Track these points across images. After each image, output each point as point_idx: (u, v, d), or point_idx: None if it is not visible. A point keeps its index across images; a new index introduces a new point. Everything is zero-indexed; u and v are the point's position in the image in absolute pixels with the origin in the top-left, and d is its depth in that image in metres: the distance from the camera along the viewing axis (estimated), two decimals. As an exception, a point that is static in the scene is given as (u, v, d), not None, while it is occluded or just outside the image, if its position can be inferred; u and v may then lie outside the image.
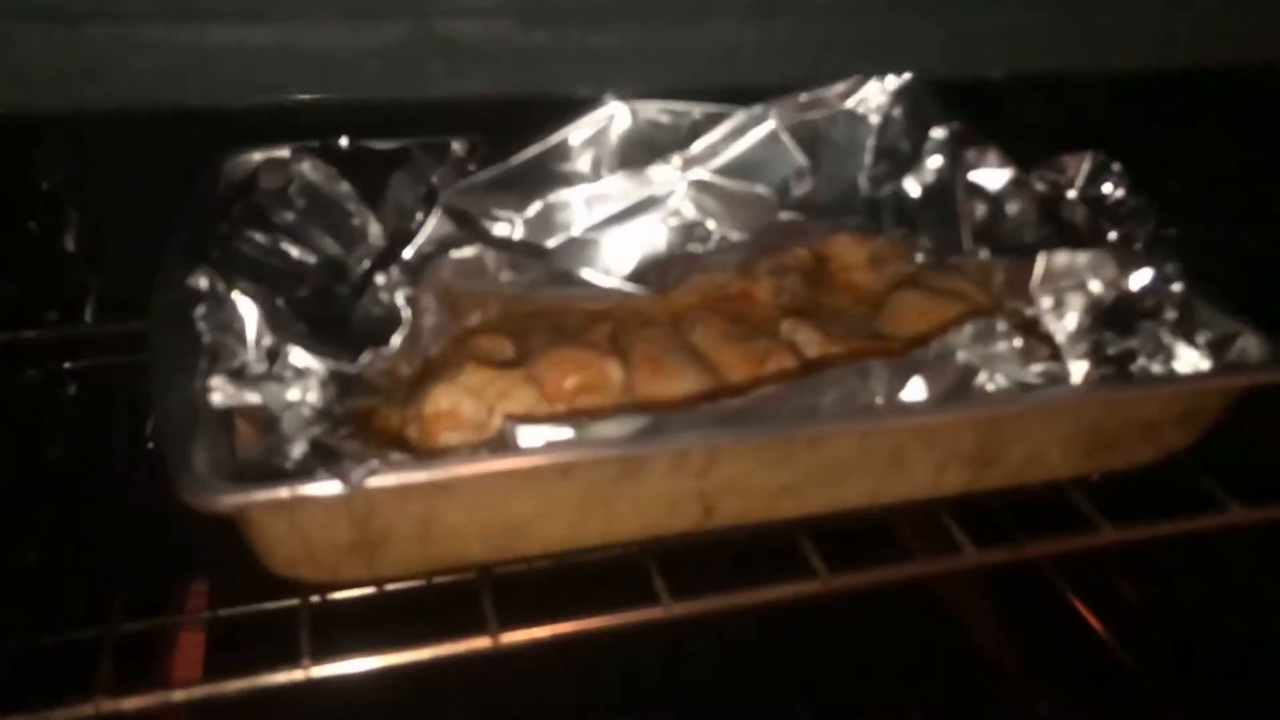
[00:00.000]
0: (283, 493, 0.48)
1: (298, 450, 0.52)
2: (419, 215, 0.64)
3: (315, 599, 0.60)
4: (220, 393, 0.51)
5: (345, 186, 0.74)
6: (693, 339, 0.70)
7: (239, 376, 0.53)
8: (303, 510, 0.51)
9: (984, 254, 0.61)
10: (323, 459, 0.50)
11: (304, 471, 0.50)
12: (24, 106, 0.53)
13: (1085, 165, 0.63)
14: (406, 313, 0.54)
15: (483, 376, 0.60)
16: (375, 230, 0.74)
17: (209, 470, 0.49)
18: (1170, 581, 0.90)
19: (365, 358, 0.54)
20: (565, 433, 0.52)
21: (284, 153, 0.75)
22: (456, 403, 0.59)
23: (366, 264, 0.68)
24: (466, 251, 0.53)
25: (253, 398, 0.52)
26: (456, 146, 0.69)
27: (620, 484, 0.56)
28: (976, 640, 0.94)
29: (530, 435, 0.52)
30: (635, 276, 0.59)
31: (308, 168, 0.73)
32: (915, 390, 0.59)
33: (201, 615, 0.72)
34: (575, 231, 0.59)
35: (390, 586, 0.71)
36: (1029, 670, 0.90)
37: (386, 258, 0.63)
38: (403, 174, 0.74)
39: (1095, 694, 0.85)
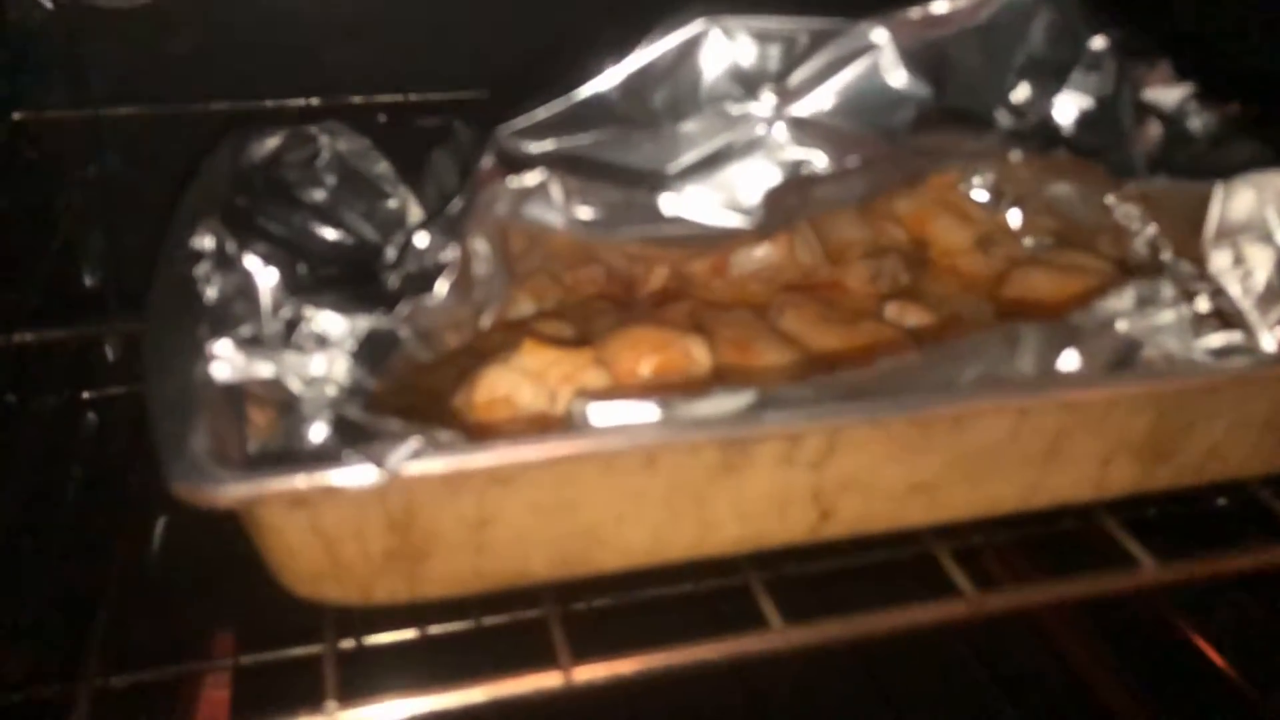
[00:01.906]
0: (299, 482, 0.38)
1: (321, 434, 0.41)
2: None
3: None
4: (226, 363, 0.41)
5: (382, 164, 0.65)
6: (782, 325, 0.60)
7: (251, 345, 0.43)
8: (326, 507, 0.40)
9: (1161, 182, 0.50)
10: (350, 439, 0.39)
11: (327, 456, 0.39)
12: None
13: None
14: (454, 253, 0.43)
15: (544, 357, 0.50)
16: (416, 214, 0.64)
17: (208, 456, 0.38)
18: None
19: (404, 309, 0.44)
20: (650, 411, 0.42)
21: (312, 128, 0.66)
22: (514, 388, 0.49)
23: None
24: (528, 178, 0.43)
25: (265, 370, 0.42)
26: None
27: (718, 479, 0.45)
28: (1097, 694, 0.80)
29: (606, 413, 0.41)
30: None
31: (338, 140, 0.64)
32: (1068, 363, 0.48)
33: (224, 661, 0.64)
34: (650, 179, 0.49)
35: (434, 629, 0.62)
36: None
37: (429, 220, 0.53)
38: (445, 152, 0.65)
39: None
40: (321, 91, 0.78)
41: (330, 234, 0.61)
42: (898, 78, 0.49)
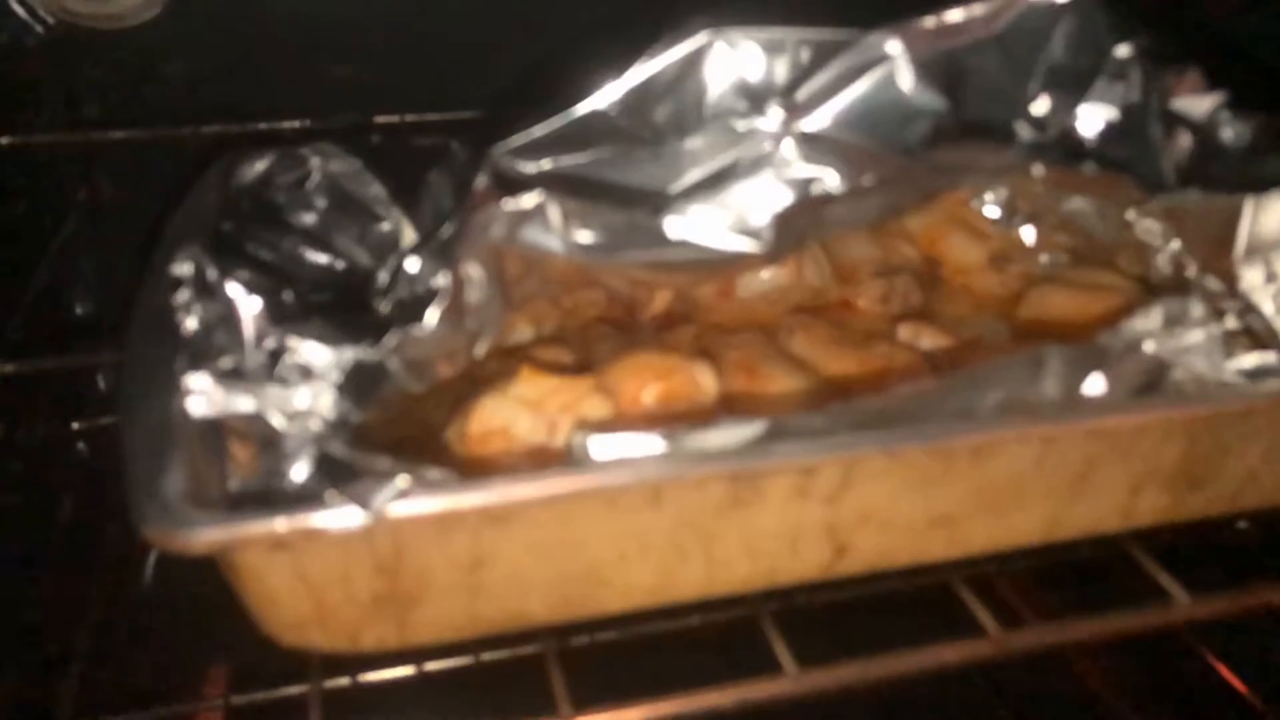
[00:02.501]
0: (278, 525, 0.36)
1: (304, 472, 0.39)
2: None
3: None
4: (204, 398, 0.39)
5: (375, 186, 0.63)
6: (792, 347, 0.58)
7: (231, 378, 0.40)
8: (308, 550, 0.38)
9: (1194, 194, 0.47)
10: (334, 478, 0.37)
11: (309, 496, 0.37)
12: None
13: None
14: (445, 279, 0.41)
15: (542, 386, 0.47)
16: (410, 237, 0.62)
17: (182, 497, 0.36)
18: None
19: (391, 340, 0.41)
20: (655, 444, 0.39)
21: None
22: (510, 418, 0.47)
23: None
24: (525, 200, 0.41)
25: (246, 405, 0.40)
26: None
27: (727, 514, 0.42)
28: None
29: (608, 447, 0.39)
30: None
31: (329, 162, 0.62)
32: (1094, 388, 0.45)
33: (215, 701, 0.63)
34: (653, 199, 0.46)
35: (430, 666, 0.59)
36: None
37: (421, 244, 0.51)
38: (442, 174, 0.63)
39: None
40: (316, 113, 0.76)
41: (321, 259, 0.59)
42: (912, 90, 0.47)
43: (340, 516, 0.36)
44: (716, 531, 0.42)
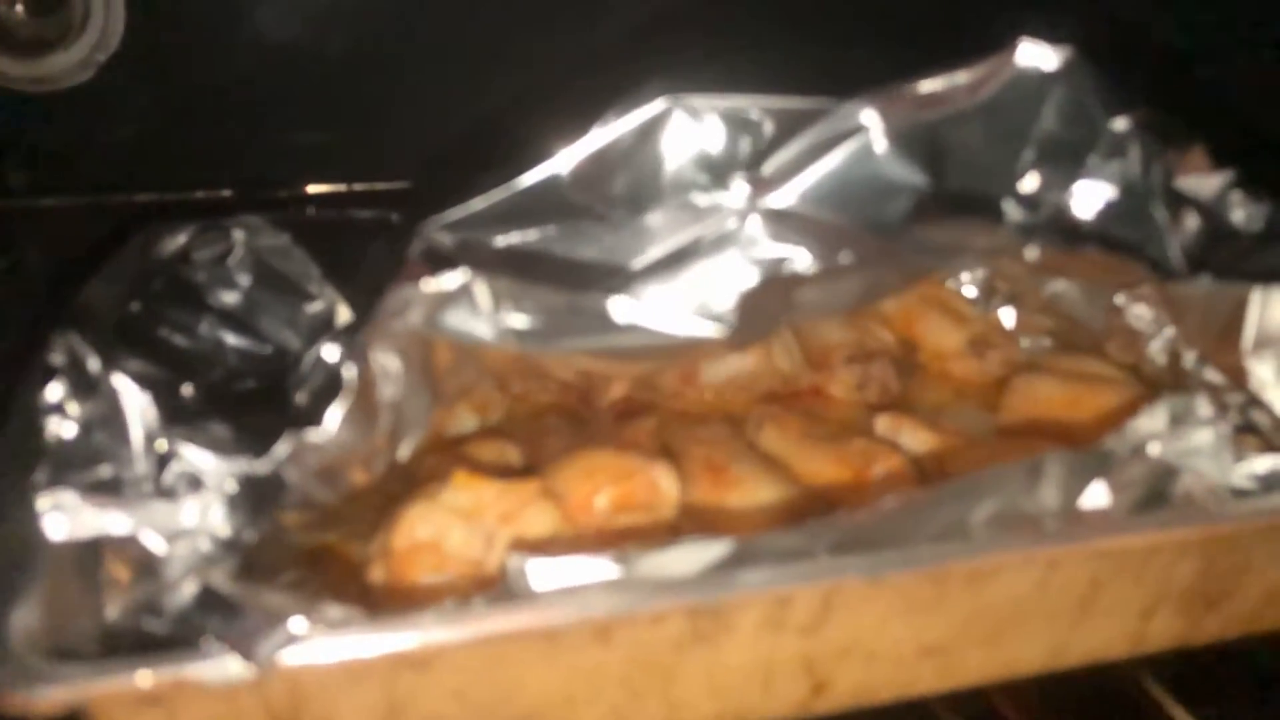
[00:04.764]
0: (143, 679, 0.29)
1: (187, 604, 0.33)
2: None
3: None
4: (65, 517, 0.33)
5: (305, 262, 0.58)
6: (761, 441, 0.53)
7: (103, 492, 0.34)
8: (186, 705, 0.31)
9: (1206, 282, 0.43)
10: (218, 615, 0.31)
11: (189, 637, 0.30)
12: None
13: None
14: (350, 374, 0.35)
15: (479, 493, 0.42)
16: (346, 318, 0.57)
17: (28, 642, 0.30)
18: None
19: (282, 449, 0.35)
20: (604, 570, 0.34)
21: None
22: (441, 531, 0.41)
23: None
24: (447, 281, 0.35)
25: (119, 524, 0.33)
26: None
27: (689, 650, 0.36)
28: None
29: (550, 574, 0.33)
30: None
31: (253, 235, 0.56)
32: (1096, 497, 0.41)
33: None
34: (606, 279, 0.41)
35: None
36: None
37: (350, 327, 0.46)
38: (381, 248, 0.58)
39: None
40: (250, 183, 0.71)
41: (242, 342, 0.54)
42: (889, 164, 0.43)
43: (221, 667, 0.29)
44: (676, 669, 0.37)
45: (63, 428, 0.37)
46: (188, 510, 0.35)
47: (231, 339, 0.54)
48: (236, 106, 0.70)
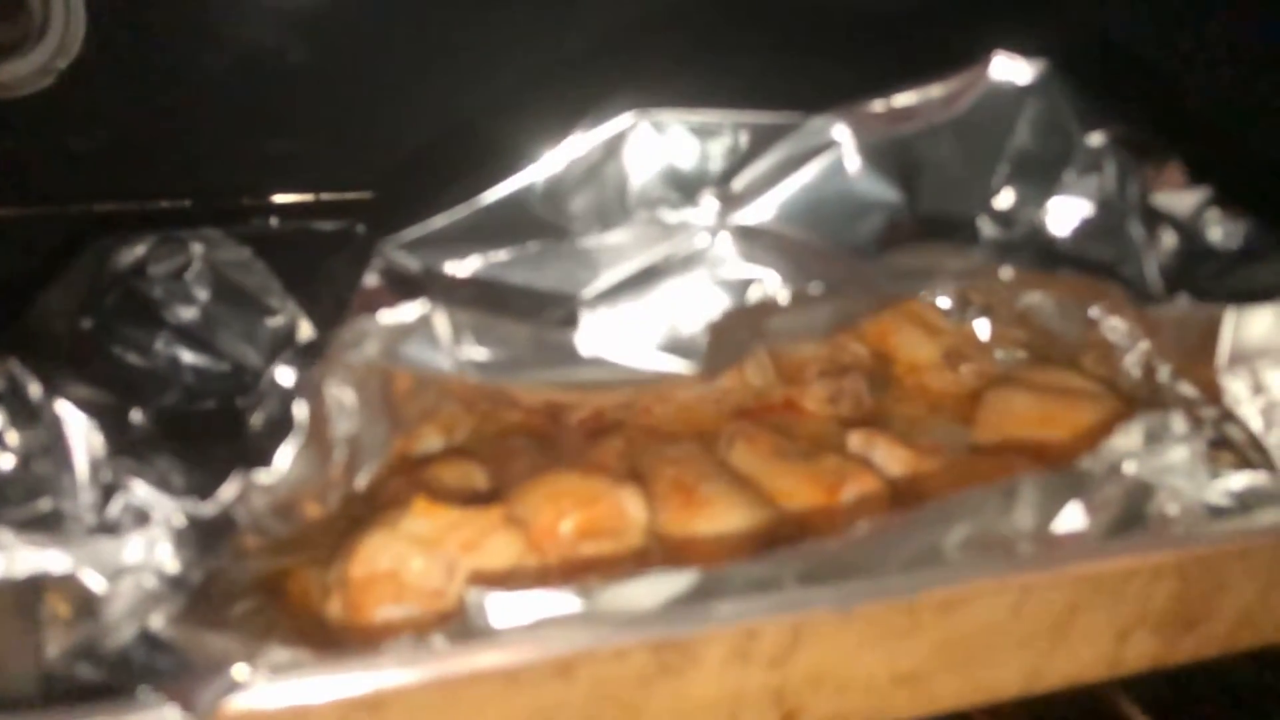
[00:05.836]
0: (76, 730, 0.28)
1: (127, 647, 0.31)
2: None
3: None
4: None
5: (266, 276, 0.56)
6: (732, 459, 0.52)
7: (41, 527, 0.33)
8: (125, 755, 0.30)
9: (1183, 303, 0.42)
10: (157, 663, 0.29)
11: (123, 687, 0.29)
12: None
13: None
14: (302, 413, 0.34)
15: (440, 520, 0.40)
16: (308, 333, 0.55)
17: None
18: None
19: (228, 491, 0.34)
20: (566, 603, 0.33)
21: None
22: (400, 560, 0.40)
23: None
24: (405, 312, 0.34)
25: (58, 563, 0.32)
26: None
27: (654, 684, 0.35)
28: None
29: (510, 609, 0.32)
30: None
31: (212, 248, 0.55)
32: (1072, 519, 0.40)
33: None
34: (570, 302, 0.40)
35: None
36: None
37: (305, 352, 0.44)
38: (343, 260, 0.56)
39: None
40: (214, 193, 0.69)
41: (200, 360, 0.52)
42: (861, 181, 0.42)
43: (159, 718, 0.28)
44: (641, 704, 0.35)
45: (0, 459, 0.35)
46: (132, 546, 0.33)
47: (187, 356, 0.53)
48: (200, 115, 0.68)
